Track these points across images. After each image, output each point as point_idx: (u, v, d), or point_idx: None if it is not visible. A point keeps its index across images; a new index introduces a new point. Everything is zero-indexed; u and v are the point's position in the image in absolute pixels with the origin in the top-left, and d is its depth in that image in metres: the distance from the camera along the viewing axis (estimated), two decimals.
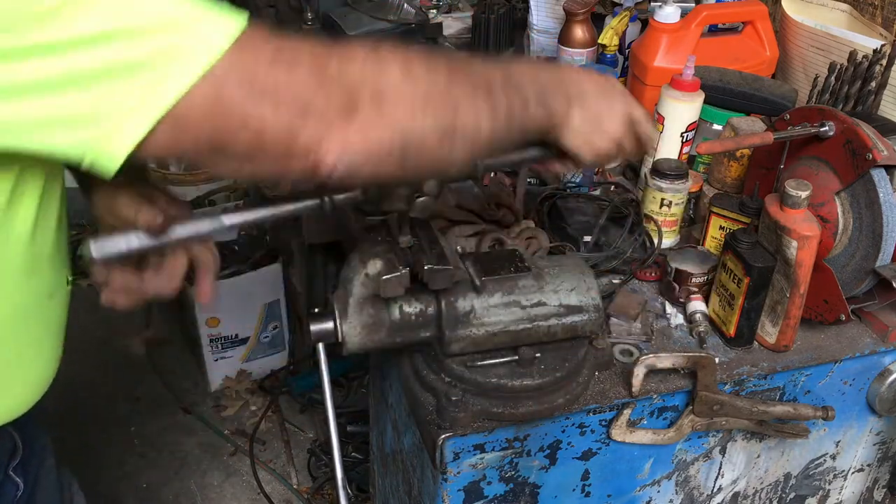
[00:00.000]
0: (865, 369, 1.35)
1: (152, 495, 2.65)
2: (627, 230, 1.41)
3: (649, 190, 1.44)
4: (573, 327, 1.12)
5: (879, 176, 1.20)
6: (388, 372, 1.46)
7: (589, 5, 1.78)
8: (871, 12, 1.74)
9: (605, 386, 1.20)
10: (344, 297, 1.06)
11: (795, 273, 1.20)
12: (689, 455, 1.32)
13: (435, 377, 1.14)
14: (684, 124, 1.52)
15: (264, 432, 2.86)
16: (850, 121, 1.23)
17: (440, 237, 1.09)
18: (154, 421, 2.89)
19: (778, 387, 1.29)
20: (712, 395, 1.20)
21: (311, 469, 2.70)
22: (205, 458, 2.78)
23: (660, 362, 1.17)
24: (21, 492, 1.08)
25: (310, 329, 1.07)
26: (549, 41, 1.95)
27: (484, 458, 1.16)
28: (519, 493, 1.23)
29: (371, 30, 2.03)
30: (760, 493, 1.46)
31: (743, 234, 1.25)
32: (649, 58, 1.69)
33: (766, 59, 1.77)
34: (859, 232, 1.23)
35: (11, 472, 1.06)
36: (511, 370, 1.11)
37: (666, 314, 1.34)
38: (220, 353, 2.94)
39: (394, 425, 1.48)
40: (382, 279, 0.98)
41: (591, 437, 1.22)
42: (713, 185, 1.55)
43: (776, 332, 1.26)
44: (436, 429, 1.11)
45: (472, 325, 1.08)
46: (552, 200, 1.52)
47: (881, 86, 1.55)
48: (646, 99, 1.71)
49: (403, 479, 1.45)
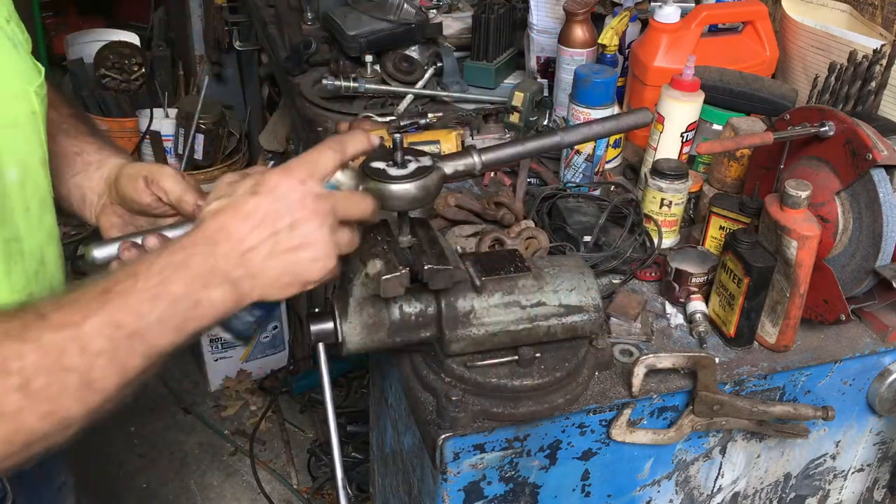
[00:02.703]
0: (865, 369, 1.35)
1: (152, 495, 2.65)
2: (627, 230, 1.41)
3: (649, 190, 1.44)
4: (573, 327, 1.12)
5: (879, 176, 1.20)
6: (388, 372, 1.46)
7: (589, 5, 1.78)
8: (871, 12, 1.74)
9: (605, 386, 1.20)
10: (344, 297, 1.06)
11: (795, 273, 1.20)
12: (689, 455, 1.32)
13: (435, 377, 1.14)
14: (684, 124, 1.52)
15: (264, 432, 2.86)
16: (850, 121, 1.23)
17: (440, 237, 1.08)
18: (154, 421, 2.90)
19: (778, 387, 1.29)
20: (712, 395, 1.20)
21: (311, 469, 2.70)
22: (205, 458, 2.79)
23: (660, 362, 1.17)
24: None
25: (310, 329, 1.07)
26: (549, 41, 1.95)
27: (484, 458, 1.16)
28: (519, 493, 1.23)
29: (371, 30, 2.03)
30: (760, 493, 1.46)
31: (743, 234, 1.25)
32: (649, 58, 1.69)
33: (766, 59, 1.77)
34: (859, 232, 1.23)
35: None
36: (511, 370, 1.11)
37: (666, 314, 1.34)
38: (220, 353, 2.94)
39: (394, 425, 1.48)
40: (382, 279, 0.98)
41: (591, 437, 1.22)
42: (713, 185, 1.55)
43: (776, 332, 1.26)
44: (436, 429, 1.11)
45: (472, 325, 1.08)
46: (552, 200, 1.52)
47: (881, 86, 1.55)
48: (646, 99, 1.71)
49: (403, 479, 1.45)
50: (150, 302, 0.76)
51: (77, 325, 0.72)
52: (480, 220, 1.50)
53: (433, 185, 1.01)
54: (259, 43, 2.94)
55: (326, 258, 0.86)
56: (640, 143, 1.73)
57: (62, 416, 0.72)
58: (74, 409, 0.73)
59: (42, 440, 0.73)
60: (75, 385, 0.72)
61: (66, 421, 0.73)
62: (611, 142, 1.59)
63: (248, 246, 0.82)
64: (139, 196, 1.04)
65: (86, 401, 0.73)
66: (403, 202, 1.00)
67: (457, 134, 1.67)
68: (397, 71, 2.01)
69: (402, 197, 0.99)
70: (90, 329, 0.72)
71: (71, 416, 0.73)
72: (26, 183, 0.94)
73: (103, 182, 1.08)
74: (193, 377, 3.07)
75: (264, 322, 0.96)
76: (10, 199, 0.91)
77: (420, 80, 2.02)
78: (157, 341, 0.76)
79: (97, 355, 0.72)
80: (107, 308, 0.74)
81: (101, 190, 1.08)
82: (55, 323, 0.72)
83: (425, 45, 2.13)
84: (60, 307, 0.73)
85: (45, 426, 0.72)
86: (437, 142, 1.65)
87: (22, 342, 0.70)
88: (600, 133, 1.14)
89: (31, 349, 0.70)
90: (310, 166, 0.87)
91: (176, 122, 3.36)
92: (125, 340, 0.74)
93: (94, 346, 0.72)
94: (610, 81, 1.51)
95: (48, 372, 0.70)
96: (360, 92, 1.93)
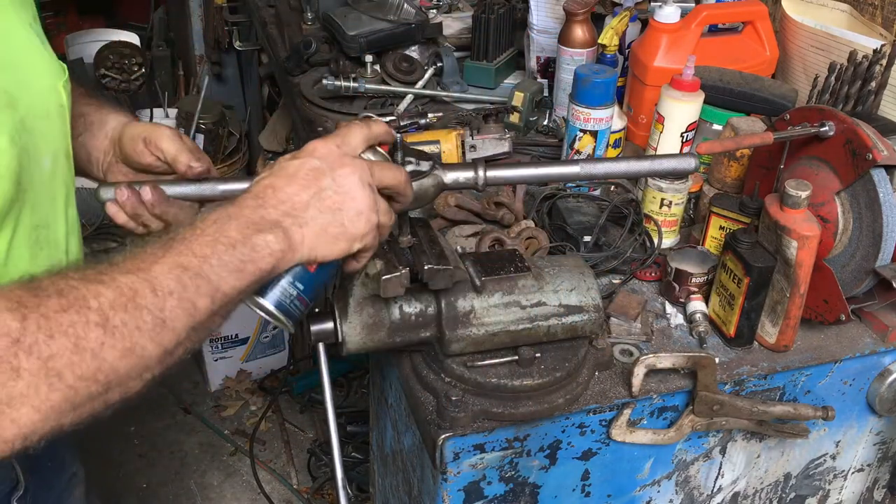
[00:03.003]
0: (865, 369, 1.35)
1: (152, 495, 2.65)
2: (627, 230, 1.41)
3: (649, 190, 1.44)
4: (573, 327, 1.12)
5: (879, 176, 1.20)
6: (388, 372, 1.46)
7: (589, 5, 1.78)
8: (871, 12, 1.74)
9: (605, 386, 1.20)
10: (344, 297, 1.07)
11: (795, 273, 1.20)
12: (689, 455, 1.32)
13: (435, 377, 1.14)
14: (684, 124, 1.52)
15: (264, 432, 2.86)
16: (850, 121, 1.23)
17: (440, 237, 1.09)
18: (154, 421, 2.90)
19: (778, 387, 1.29)
20: (712, 395, 1.20)
21: (311, 469, 2.70)
22: (205, 458, 2.79)
23: (660, 362, 1.17)
24: None
25: (310, 329, 1.07)
26: (549, 41, 1.95)
27: (484, 458, 1.16)
28: (519, 493, 1.23)
29: (371, 30, 2.03)
30: (760, 493, 1.46)
31: (743, 234, 1.25)
32: (649, 58, 1.69)
33: (766, 59, 1.77)
34: (859, 232, 1.23)
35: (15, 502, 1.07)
36: (511, 370, 1.11)
37: (666, 314, 1.34)
38: (220, 353, 2.94)
39: (394, 425, 1.48)
40: (382, 279, 0.98)
41: (591, 437, 1.22)
42: (713, 185, 1.55)
43: (776, 332, 1.26)
44: (436, 429, 1.11)
45: (472, 325, 1.08)
46: (552, 200, 1.52)
47: (881, 86, 1.55)
48: (646, 99, 1.71)
49: (403, 479, 1.45)
50: (210, 246, 0.80)
51: (147, 269, 0.77)
52: (480, 220, 1.50)
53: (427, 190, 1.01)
54: (259, 43, 2.94)
55: (370, 211, 0.90)
56: (640, 143, 1.73)
57: (139, 356, 0.75)
58: (150, 347, 0.76)
59: (121, 384, 0.75)
60: (150, 323, 0.75)
61: (144, 361, 0.76)
62: (611, 142, 1.59)
63: (294, 200, 0.87)
64: (140, 157, 1.09)
65: (161, 340, 0.76)
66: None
67: (457, 134, 1.66)
68: (397, 71, 2.01)
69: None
70: (159, 271, 0.77)
71: (147, 355, 0.76)
72: (56, 173, 0.99)
73: (107, 140, 1.13)
74: (193, 377, 3.07)
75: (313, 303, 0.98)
76: (43, 185, 0.95)
77: (420, 80, 2.02)
78: (220, 283, 0.80)
79: (168, 295, 0.76)
80: (171, 253, 0.79)
81: (106, 148, 1.13)
82: (127, 268, 0.76)
83: (425, 45, 2.13)
84: (130, 257, 0.78)
85: (125, 365, 0.74)
86: (437, 142, 1.65)
87: (99, 283, 0.74)
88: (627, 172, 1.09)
89: (108, 289, 0.74)
90: (342, 138, 0.93)
91: (176, 122, 3.35)
92: (192, 281, 0.78)
93: (164, 286, 0.76)
94: (610, 81, 1.51)
95: (125, 309, 0.74)
96: (360, 92, 1.93)
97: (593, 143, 1.55)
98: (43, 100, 0.96)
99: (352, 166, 0.90)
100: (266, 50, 2.58)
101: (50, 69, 0.99)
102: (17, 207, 0.89)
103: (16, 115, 0.86)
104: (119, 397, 0.76)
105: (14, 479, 1.06)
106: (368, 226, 0.90)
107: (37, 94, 0.94)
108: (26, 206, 0.92)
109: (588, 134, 1.54)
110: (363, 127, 0.96)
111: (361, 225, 0.89)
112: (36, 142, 0.92)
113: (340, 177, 0.89)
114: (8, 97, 0.86)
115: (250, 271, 0.82)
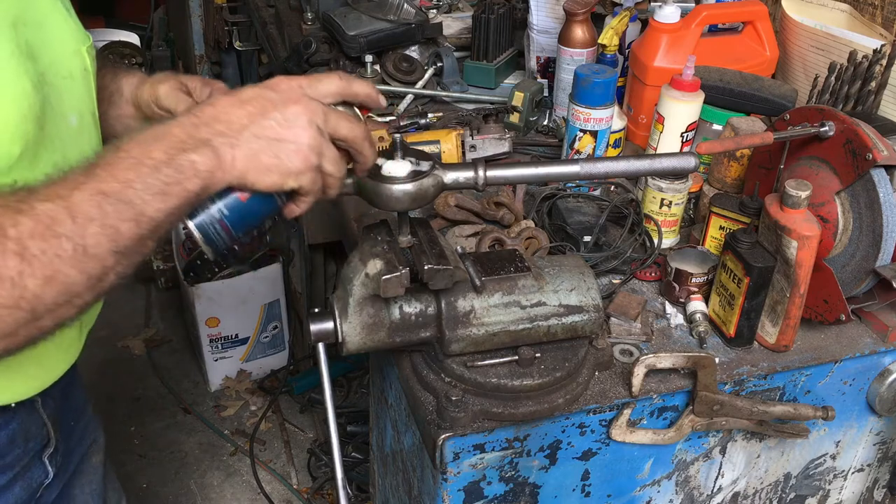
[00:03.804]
0: (865, 369, 1.35)
1: (152, 495, 2.65)
2: (627, 230, 1.41)
3: (649, 190, 1.44)
4: (573, 327, 1.12)
5: (879, 176, 1.20)
6: (388, 372, 1.46)
7: (589, 5, 1.78)
8: (871, 12, 1.74)
9: (605, 386, 1.20)
10: (344, 297, 1.07)
11: (795, 273, 1.20)
12: (689, 455, 1.32)
13: (435, 377, 1.14)
14: (684, 124, 1.52)
15: (264, 432, 2.86)
16: (850, 121, 1.23)
17: (440, 237, 1.09)
18: (154, 421, 2.90)
19: (778, 387, 1.29)
20: (712, 395, 1.20)
21: (311, 469, 2.71)
22: (205, 458, 2.79)
23: (660, 362, 1.17)
24: (50, 480, 1.11)
25: (310, 329, 1.07)
26: (549, 41, 1.95)
27: (484, 458, 1.16)
28: (519, 493, 1.23)
29: (371, 30, 2.03)
30: (760, 494, 1.46)
31: (743, 234, 1.25)
32: (649, 58, 1.69)
33: (766, 59, 1.77)
34: (859, 232, 1.23)
35: (46, 459, 1.09)
36: (511, 370, 1.11)
37: (666, 314, 1.34)
38: (220, 353, 2.94)
39: (394, 425, 1.48)
40: (382, 279, 0.98)
41: (591, 437, 1.22)
42: (713, 185, 1.55)
43: (776, 332, 1.26)
44: (436, 429, 1.11)
45: (472, 325, 1.08)
46: (552, 200, 1.52)
47: (881, 86, 1.55)
48: (646, 99, 1.71)
49: (403, 479, 1.45)
50: (133, 169, 0.79)
51: (67, 197, 0.76)
52: (480, 220, 1.50)
53: (427, 190, 1.01)
54: (259, 43, 2.94)
55: (309, 150, 0.87)
56: (640, 143, 1.73)
57: (63, 283, 0.75)
58: (74, 274, 0.76)
59: (50, 311, 0.76)
60: (70, 251, 0.75)
61: (69, 288, 0.76)
62: (611, 142, 1.59)
63: (233, 121, 0.85)
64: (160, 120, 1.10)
65: (84, 268, 0.76)
66: (392, 202, 1.00)
67: (457, 134, 1.66)
68: (397, 71, 2.01)
69: (391, 196, 1.00)
70: (79, 198, 0.76)
71: (72, 282, 0.76)
72: (83, 130, 1.00)
73: (131, 107, 1.16)
74: (193, 377, 3.08)
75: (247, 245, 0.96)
76: (71, 141, 0.96)
77: (420, 80, 2.02)
78: (144, 207, 0.79)
79: (88, 222, 0.76)
80: (93, 179, 0.78)
81: (133, 114, 1.16)
82: (47, 195, 0.76)
83: (425, 45, 2.13)
84: (51, 183, 0.78)
85: (50, 293, 0.75)
86: (437, 142, 1.65)
87: (17, 212, 0.74)
88: (627, 172, 1.10)
89: (26, 218, 0.74)
90: (310, 81, 0.92)
91: None
92: (113, 207, 0.77)
93: (83, 213, 0.76)
94: (610, 81, 1.51)
95: (43, 238, 0.74)
96: None
97: (593, 143, 1.55)
98: (67, 61, 0.97)
99: (305, 105, 0.88)
100: (266, 50, 2.58)
101: (74, 34, 1.00)
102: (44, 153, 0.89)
103: (38, 67, 0.87)
104: (53, 323, 0.77)
105: (45, 436, 1.08)
106: (305, 164, 0.87)
107: (60, 54, 0.95)
108: (56, 154, 0.92)
109: (588, 134, 1.54)
110: (341, 80, 0.94)
111: (297, 161, 0.87)
112: (61, 97, 0.93)
113: (290, 112, 0.87)
114: (29, 48, 0.87)
115: (176, 193, 0.81)
